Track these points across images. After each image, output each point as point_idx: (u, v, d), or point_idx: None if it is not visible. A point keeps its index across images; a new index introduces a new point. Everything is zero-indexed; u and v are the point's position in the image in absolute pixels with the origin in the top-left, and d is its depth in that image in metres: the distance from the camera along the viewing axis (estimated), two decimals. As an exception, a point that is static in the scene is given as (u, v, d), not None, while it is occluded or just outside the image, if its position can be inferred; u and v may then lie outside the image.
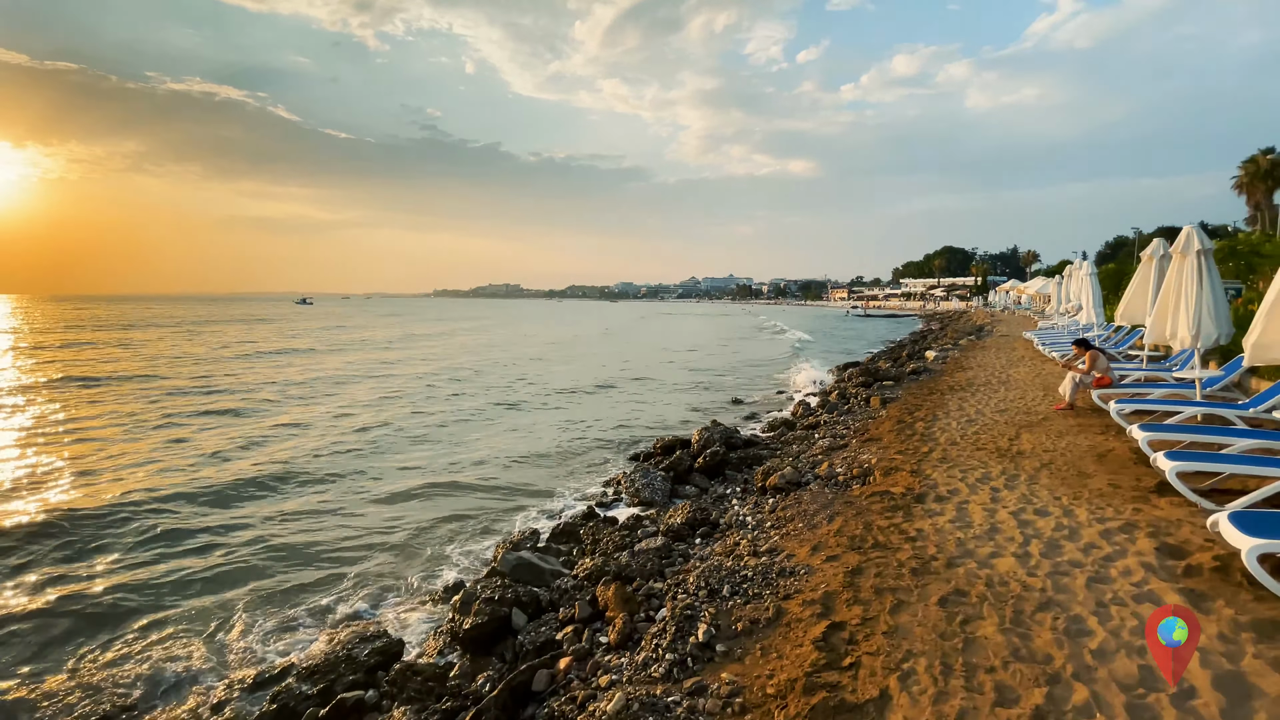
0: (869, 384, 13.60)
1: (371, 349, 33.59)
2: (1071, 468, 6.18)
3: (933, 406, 9.94)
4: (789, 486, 6.87)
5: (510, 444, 11.77)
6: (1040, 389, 11.25)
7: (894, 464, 6.66)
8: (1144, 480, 5.62)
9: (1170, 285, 7.82)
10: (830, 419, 11.13)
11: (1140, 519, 4.66)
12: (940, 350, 20.18)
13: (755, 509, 5.77)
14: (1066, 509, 4.93)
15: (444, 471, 9.92)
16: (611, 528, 5.91)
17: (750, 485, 7.52)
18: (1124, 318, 10.79)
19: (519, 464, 10.29)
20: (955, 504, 5.13)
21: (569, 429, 13.27)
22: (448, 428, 13.46)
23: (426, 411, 15.31)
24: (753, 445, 10.20)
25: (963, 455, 6.82)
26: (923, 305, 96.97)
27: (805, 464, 7.78)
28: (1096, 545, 4.16)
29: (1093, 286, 14.80)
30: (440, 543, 6.75)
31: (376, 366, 25.51)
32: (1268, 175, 40.33)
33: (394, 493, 8.73)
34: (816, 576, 3.82)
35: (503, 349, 34.63)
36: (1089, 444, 7.11)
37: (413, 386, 19.79)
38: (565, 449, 11.30)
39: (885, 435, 8.28)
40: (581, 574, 4.69)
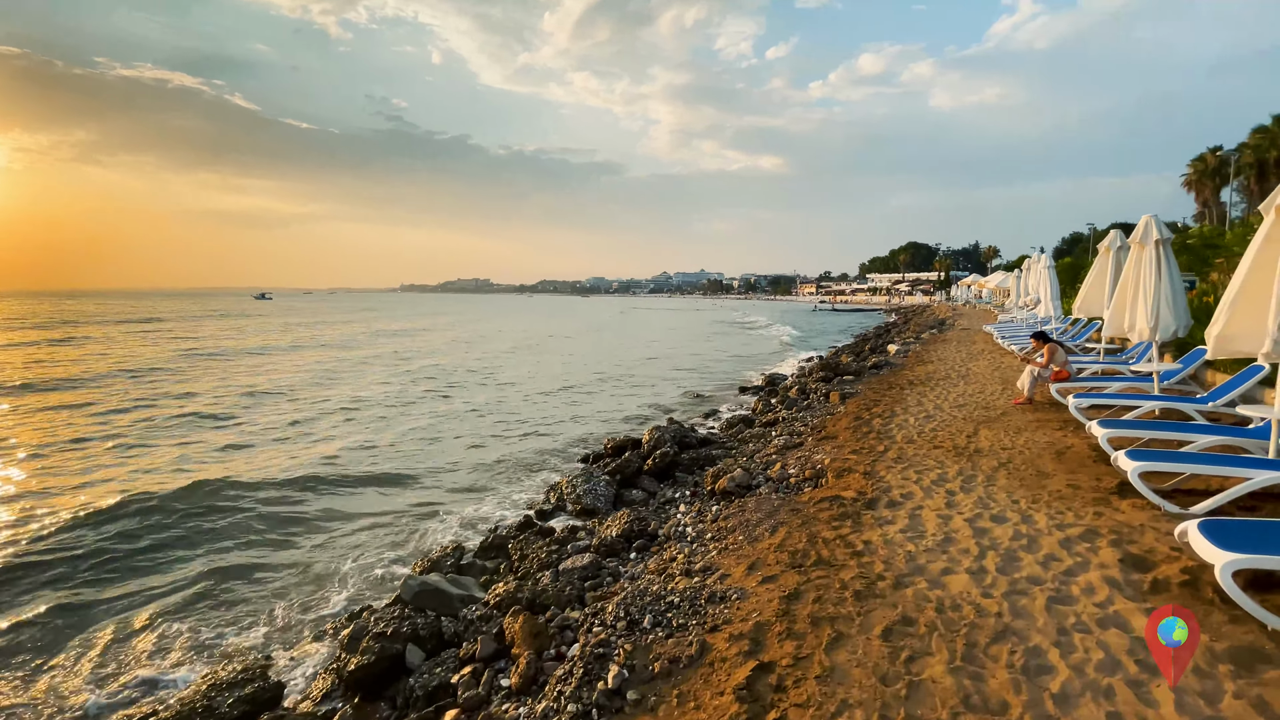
0: (829, 379, 13.31)
1: (325, 348, 32.31)
2: (1030, 467, 5.87)
3: (891, 402, 9.64)
4: (739, 490, 6.43)
5: (459, 448, 11.11)
6: (999, 383, 11.07)
7: (848, 464, 6.27)
8: (1104, 480, 5.33)
9: (1129, 276, 7.61)
10: (789, 415, 10.77)
11: (1102, 524, 4.32)
12: (902, 344, 20.11)
13: (698, 517, 5.31)
14: (1025, 514, 4.58)
15: (382, 479, 9.24)
16: (543, 541, 5.38)
17: (700, 488, 7.07)
18: (1081, 310, 10.67)
19: (464, 470, 9.67)
20: (908, 510, 4.74)
21: (527, 429, 12.67)
22: (397, 431, 12.73)
23: (373, 414, 14.53)
24: (708, 444, 9.76)
25: (919, 454, 6.47)
26: (888, 300, 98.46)
27: (758, 465, 7.36)
28: (1056, 557, 3.79)
29: (1050, 280, 14.79)
30: (360, 560, 6.11)
31: (331, 367, 24.45)
32: (1215, 173, 41.65)
33: (326, 508, 8.02)
34: (750, 602, 3.36)
35: (471, 344, 33.71)
36: (1047, 440, 6.84)
37: (369, 390, 18.89)
38: (517, 451, 10.70)
39: (842, 433, 7.92)
40: (493, 600, 4.15)
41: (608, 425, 12.94)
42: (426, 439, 11.70)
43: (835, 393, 11.26)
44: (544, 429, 12.61)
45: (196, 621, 4.98)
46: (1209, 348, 5.02)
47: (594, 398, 16.79)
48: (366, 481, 9.02)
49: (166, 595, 5.51)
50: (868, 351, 20.89)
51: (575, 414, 14.21)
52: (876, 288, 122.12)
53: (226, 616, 5.04)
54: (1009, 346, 15.41)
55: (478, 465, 9.70)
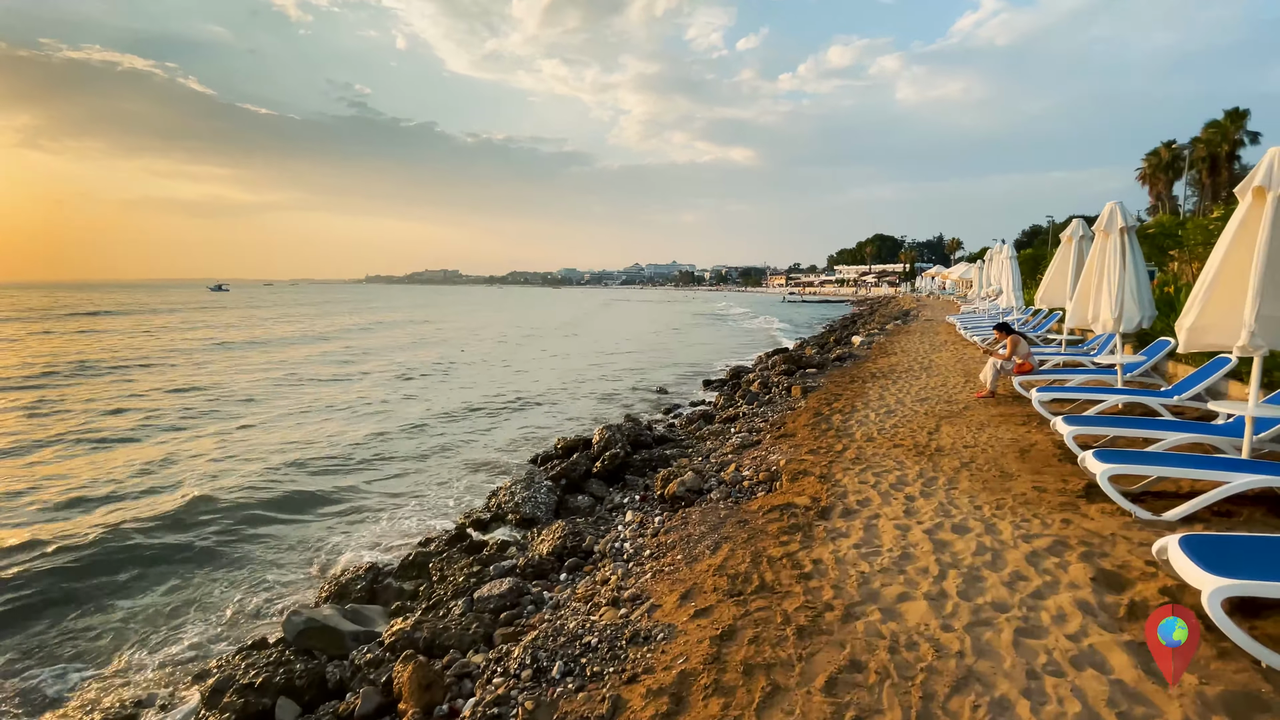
0: (791, 372, 12.96)
1: (278, 346, 30.91)
2: (993, 466, 5.53)
3: (853, 396, 9.30)
4: (689, 495, 5.96)
5: (408, 448, 10.42)
6: (962, 374, 10.86)
7: (803, 466, 5.86)
8: (1070, 481, 5.00)
9: (1092, 265, 7.34)
10: (749, 410, 10.37)
11: (1070, 534, 3.96)
12: (867, 335, 19.97)
13: (639, 530, 4.81)
14: (988, 523, 4.20)
15: (312, 485, 8.53)
16: (468, 559, 4.81)
17: (651, 492, 6.59)
18: (1044, 300, 10.49)
19: (409, 473, 9.00)
20: (864, 520, 4.32)
21: (482, 427, 12.02)
22: (342, 432, 11.94)
23: (320, 414, 13.68)
24: (664, 442, 9.29)
25: (878, 454, 6.09)
26: (855, 291, 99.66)
27: (712, 466, 6.91)
28: (1023, 575, 3.40)
29: (1012, 270, 14.70)
30: (267, 588, 5.44)
31: (284, 364, 23.28)
32: (1169, 167, 42.77)
33: (239, 525, 7.29)
34: (678, 643, 2.87)
35: (441, 343, 32.64)
36: (1011, 437, 6.54)
37: (321, 390, 17.93)
38: (467, 452, 10.06)
39: (800, 431, 7.52)
40: (389, 639, 3.58)
41: (572, 422, 12.39)
42: (375, 438, 10.98)
43: (797, 386, 10.91)
44: (499, 427, 11.99)
45: (58, 669, 4.29)
46: (1180, 341, 4.71)
47: (560, 392, 16.19)
48: (294, 489, 8.30)
49: (32, 634, 4.79)
50: (832, 343, 20.70)
51: (535, 409, 13.60)
52: (844, 279, 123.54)
53: (85, 659, 4.36)
54: (971, 338, 15.31)
55: (422, 468, 9.05)
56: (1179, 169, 43.74)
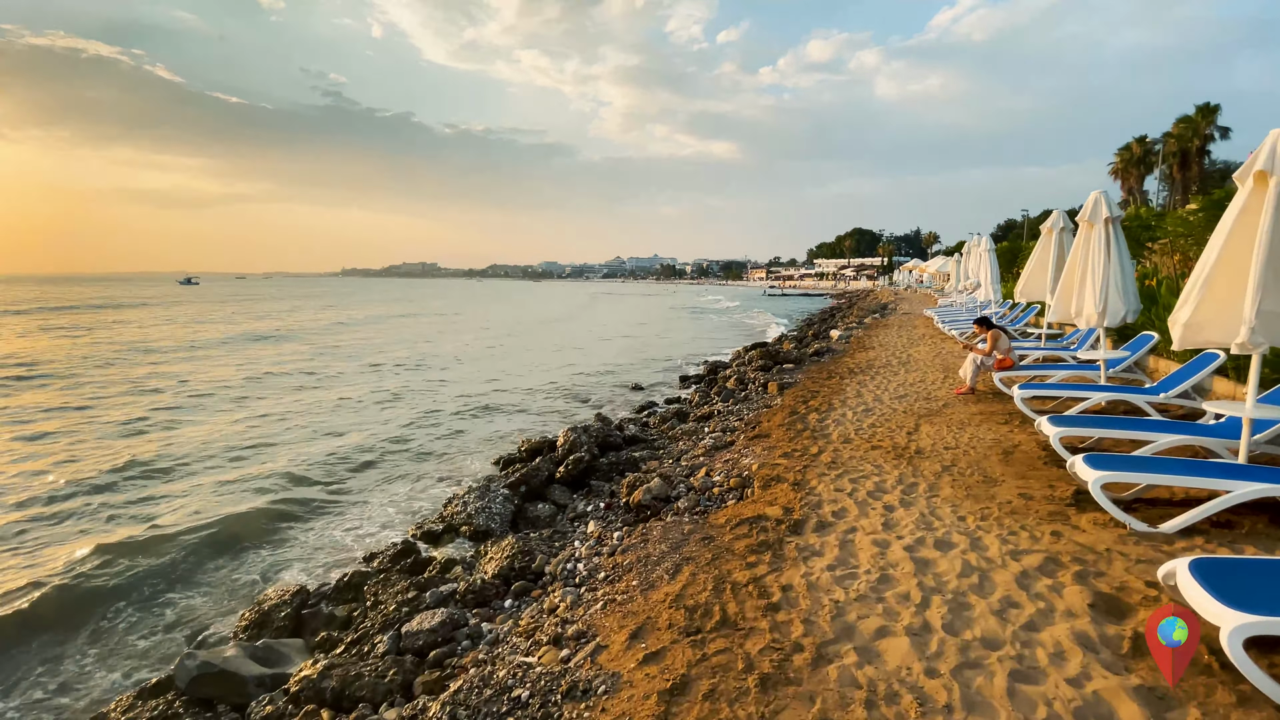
0: (768, 368, 12.62)
1: (241, 345, 29.91)
2: (976, 470, 5.20)
3: (830, 393, 8.97)
4: (655, 503, 5.56)
5: (368, 446, 9.87)
6: (940, 370, 10.60)
7: (776, 471, 5.48)
8: (1058, 487, 4.69)
9: (1076, 257, 7.07)
10: (724, 408, 10.00)
11: (1062, 549, 3.63)
12: (845, 329, 19.76)
13: (596, 548, 4.39)
14: (973, 536, 3.86)
15: (254, 487, 7.97)
16: (407, 580, 4.35)
17: (616, 499, 6.17)
18: (1023, 294, 10.25)
19: (367, 476, 8.46)
20: (839, 535, 3.94)
21: (447, 427, 11.49)
22: (289, 439, 11.33)
23: (262, 414, 13.03)
24: (635, 443, 8.87)
25: (856, 457, 5.74)
26: (834, 284, 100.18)
27: (681, 470, 6.52)
28: (1014, 601, 3.04)
29: (990, 263, 14.53)
30: (173, 610, 4.92)
31: (255, 361, 22.41)
32: (1140, 161, 43.31)
33: (166, 533, 6.73)
34: (621, 698, 2.45)
35: (420, 343, 31.84)
36: (993, 437, 6.23)
37: (282, 398, 17.23)
38: (429, 453, 9.54)
39: (775, 431, 7.15)
40: (295, 686, 3.12)
41: (541, 420, 11.92)
42: (332, 440, 10.40)
43: (774, 383, 10.57)
44: (469, 426, 11.47)
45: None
46: (1174, 337, 4.40)
47: (536, 389, 15.69)
48: (237, 499, 7.74)
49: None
50: (810, 337, 20.47)
51: (507, 406, 13.10)
52: (823, 273, 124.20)
53: None
54: (949, 331, 15.13)
55: (381, 472, 8.51)
56: (1150, 164, 44.33)
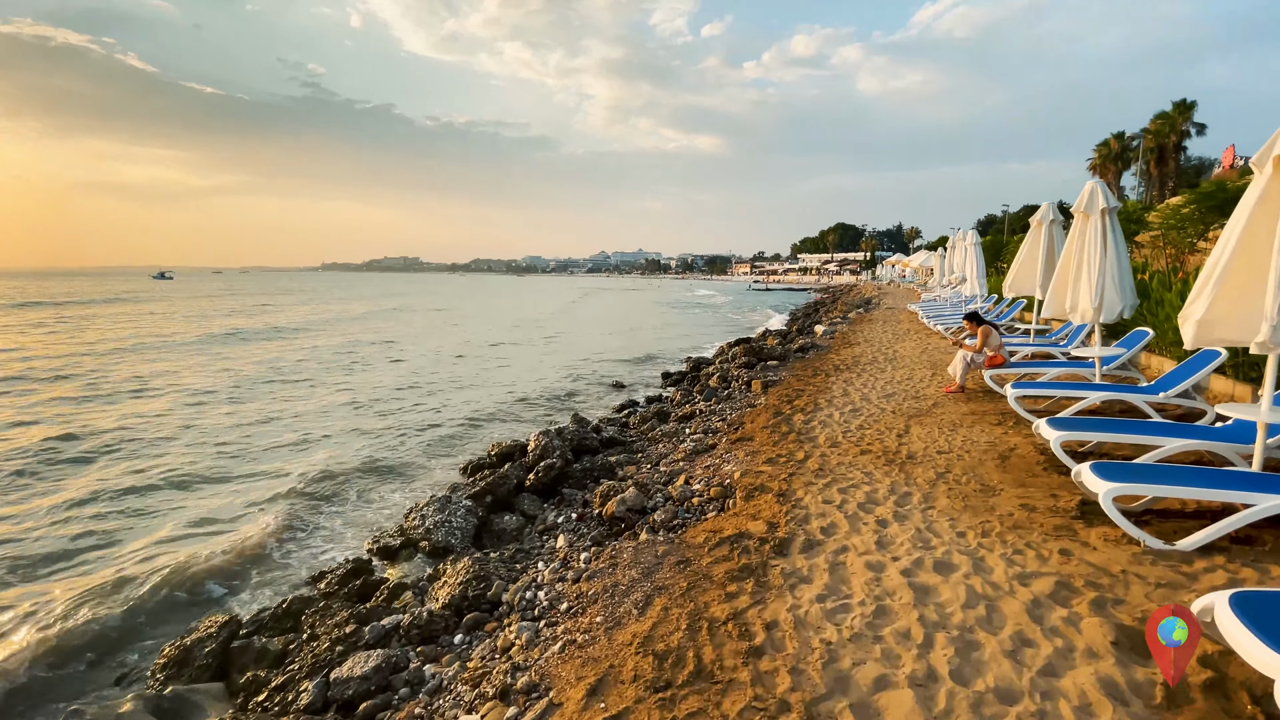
0: (752, 365, 12.27)
1: (214, 343, 28.95)
2: (972, 477, 4.87)
3: (815, 392, 8.63)
4: (630, 515, 5.16)
5: (330, 449, 9.34)
6: (928, 366, 10.33)
7: (760, 479, 5.10)
8: (1061, 496, 4.37)
9: (1071, 250, 6.77)
10: (707, 408, 9.63)
11: (1073, 570, 3.29)
12: (830, 324, 19.50)
13: (560, 571, 3.97)
14: (975, 557, 3.51)
15: (202, 486, 7.44)
16: (348, 609, 3.90)
17: (589, 510, 5.76)
18: (1012, 288, 9.99)
19: (314, 486, 7.95)
20: (829, 556, 3.57)
21: (416, 429, 10.98)
22: (251, 438, 10.75)
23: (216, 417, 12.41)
24: (613, 446, 8.46)
25: (844, 463, 5.39)
26: (818, 279, 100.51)
27: (660, 477, 6.12)
28: (1029, 639, 2.69)
29: (976, 257, 14.31)
30: (94, 645, 4.41)
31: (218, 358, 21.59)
32: (1118, 157, 43.68)
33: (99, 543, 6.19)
34: (572, 773, 2.05)
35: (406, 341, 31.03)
36: (987, 440, 5.92)
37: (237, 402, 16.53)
38: (404, 457, 9.03)
39: (758, 434, 6.78)
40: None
41: (518, 421, 11.46)
42: (297, 440, 9.86)
43: (758, 381, 10.21)
44: (444, 427, 10.96)
45: None
46: (1186, 335, 4.08)
47: (516, 387, 15.20)
48: (185, 489, 7.20)
49: None
50: (794, 333, 20.20)
51: (485, 406, 12.61)
52: (807, 267, 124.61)
53: None
54: (935, 327, 14.90)
55: (340, 479, 8.00)
56: (1128, 160, 44.74)
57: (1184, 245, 9.95)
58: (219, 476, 8.29)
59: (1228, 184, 9.86)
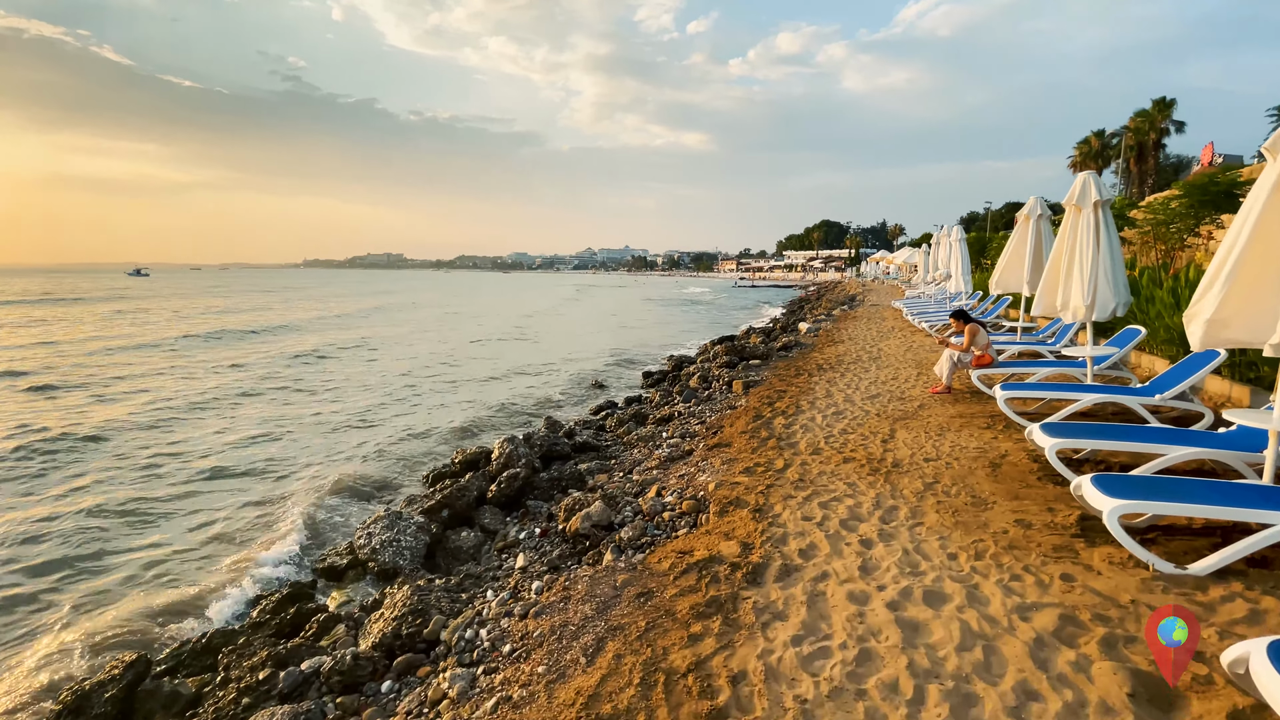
0: (734, 364, 11.92)
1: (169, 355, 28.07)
2: (962, 489, 4.54)
3: (798, 393, 8.28)
4: (595, 533, 4.77)
5: (292, 454, 8.84)
6: (913, 365, 10.04)
7: (736, 492, 4.73)
8: (1057, 510, 4.04)
9: (1063, 245, 6.47)
10: (686, 410, 9.25)
11: (1078, 600, 2.95)
12: (814, 321, 19.23)
13: (508, 602, 3.56)
14: (969, 584, 3.15)
15: (150, 508, 6.92)
16: (269, 647, 3.46)
17: (554, 524, 5.35)
18: (999, 285, 9.72)
19: (262, 494, 7.47)
20: (807, 585, 3.20)
21: (379, 435, 10.49)
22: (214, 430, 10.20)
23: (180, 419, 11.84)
24: (585, 451, 8.05)
25: (826, 472, 5.03)
26: (803, 276, 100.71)
27: (631, 488, 5.72)
28: (1033, 691, 2.33)
29: (961, 253, 14.07)
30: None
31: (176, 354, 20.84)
32: (1098, 155, 43.95)
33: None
34: None
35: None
36: (976, 445, 5.59)
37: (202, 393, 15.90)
38: (366, 466, 8.55)
39: (737, 438, 6.41)
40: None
41: (491, 424, 11.01)
42: (255, 440, 9.32)
43: (739, 381, 9.85)
44: (413, 431, 10.49)
45: None
46: (1194, 336, 3.76)
47: (490, 389, 14.73)
48: (109, 518, 6.69)
49: None
50: (778, 330, 19.90)
51: (456, 409, 12.13)
52: (792, 264, 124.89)
53: None
54: (920, 324, 14.65)
55: (288, 489, 7.52)
56: (1108, 157, 45.04)
57: (1173, 241, 9.74)
58: (180, 494, 7.76)
59: (1219, 176, 9.67)
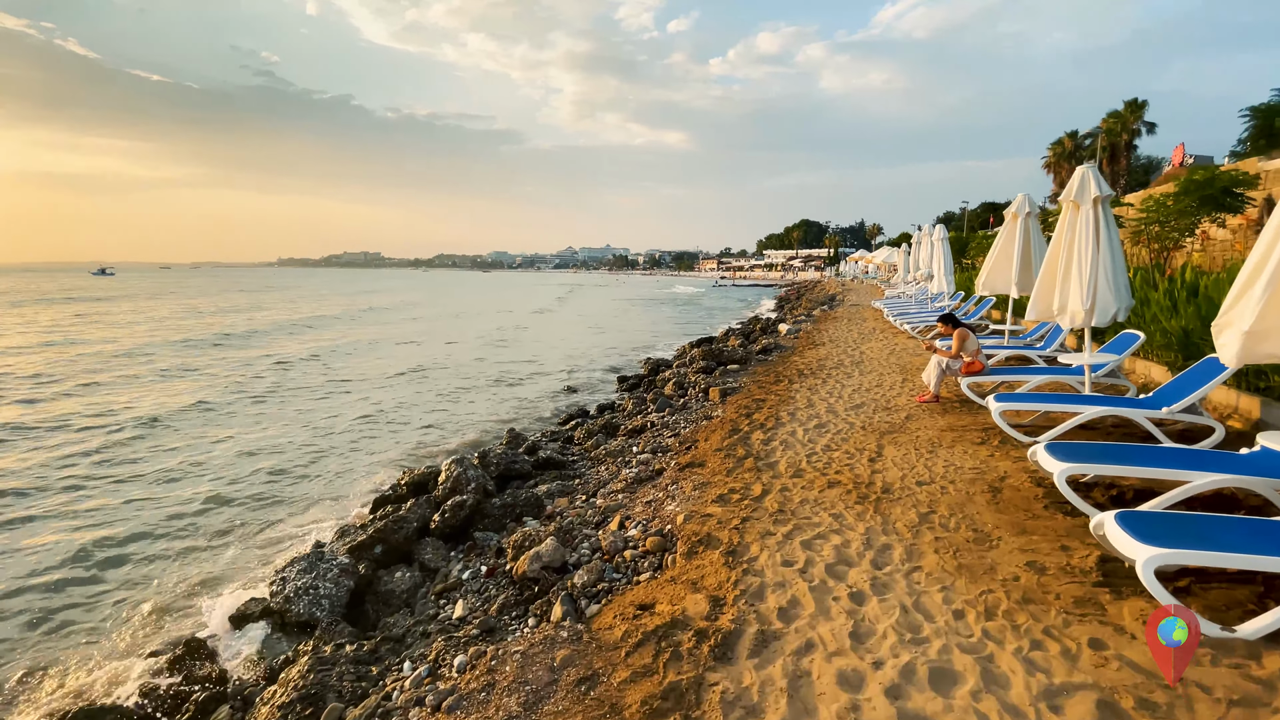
0: (710, 369, 11.36)
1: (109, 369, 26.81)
2: (962, 519, 4.01)
3: (777, 402, 7.74)
4: (546, 576, 4.15)
5: (235, 477, 8.07)
6: (897, 370, 9.57)
7: (707, 526, 4.15)
8: (1072, 548, 3.52)
9: (1059, 245, 6.00)
10: (659, 419, 8.68)
11: (1113, 678, 2.41)
12: (794, 322, 18.78)
13: (425, 683, 2.92)
14: (982, 655, 2.60)
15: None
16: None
17: (502, 561, 4.72)
18: (986, 286, 9.29)
19: (199, 513, 6.72)
20: (789, 663, 2.62)
21: (330, 450, 9.75)
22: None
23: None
24: (548, 468, 7.43)
25: (808, 499, 4.48)
26: (783, 275, 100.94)
27: (592, 516, 5.11)
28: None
29: (944, 253, 13.70)
30: None
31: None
32: (1072, 155, 44.37)
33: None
34: None
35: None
36: (973, 465, 5.08)
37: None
38: (315, 486, 7.83)
39: (711, 456, 5.84)
40: None
41: (457, 434, 10.32)
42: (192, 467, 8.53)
43: (716, 389, 9.28)
44: (369, 444, 9.76)
45: None
46: (1228, 351, 3.26)
47: (459, 394, 14.00)
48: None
49: None
50: (758, 331, 19.42)
51: (420, 416, 11.40)
52: (772, 264, 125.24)
53: None
54: (902, 326, 14.24)
55: (239, 507, 6.78)
56: (1081, 158, 45.53)
57: (1168, 240, 9.39)
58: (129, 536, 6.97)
59: (1220, 173, 9.33)
